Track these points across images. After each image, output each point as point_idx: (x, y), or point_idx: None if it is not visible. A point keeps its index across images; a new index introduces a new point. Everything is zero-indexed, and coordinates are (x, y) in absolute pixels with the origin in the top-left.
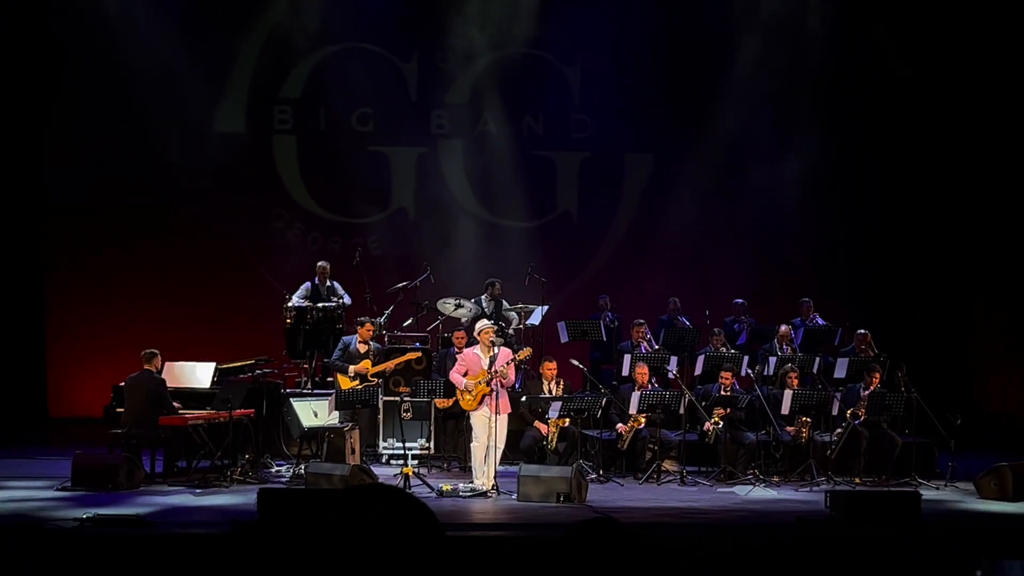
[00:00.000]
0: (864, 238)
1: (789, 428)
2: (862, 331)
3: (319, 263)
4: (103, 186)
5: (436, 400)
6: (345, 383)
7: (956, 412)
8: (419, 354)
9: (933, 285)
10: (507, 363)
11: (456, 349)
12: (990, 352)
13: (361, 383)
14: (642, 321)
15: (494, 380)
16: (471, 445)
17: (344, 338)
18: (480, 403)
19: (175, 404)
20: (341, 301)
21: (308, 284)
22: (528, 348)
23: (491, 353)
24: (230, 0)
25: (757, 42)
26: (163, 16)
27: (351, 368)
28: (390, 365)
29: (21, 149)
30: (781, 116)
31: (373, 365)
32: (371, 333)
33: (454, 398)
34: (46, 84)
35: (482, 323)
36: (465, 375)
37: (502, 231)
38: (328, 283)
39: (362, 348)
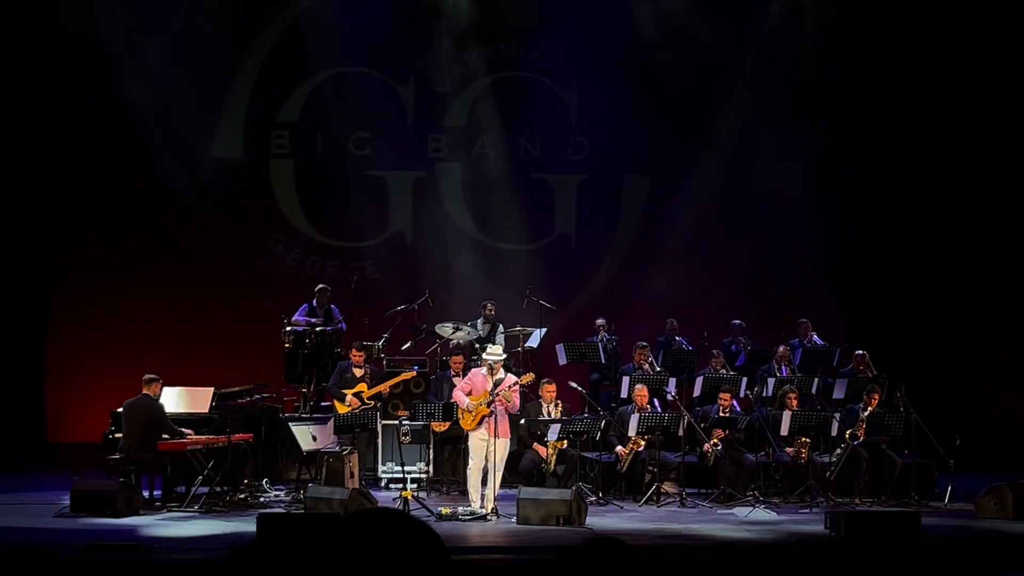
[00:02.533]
0: (863, 258)
1: (788, 449)
2: (860, 351)
3: (319, 286)
4: (102, 212)
5: (433, 424)
6: (343, 409)
7: (956, 431)
8: (415, 373)
9: (932, 304)
10: (509, 387)
11: (453, 372)
12: (992, 369)
13: (359, 405)
14: (644, 344)
15: (495, 403)
16: (467, 468)
17: (341, 363)
18: (479, 424)
19: (178, 428)
20: (339, 326)
21: (306, 306)
22: (531, 373)
23: (496, 376)
24: (227, 26)
25: (754, 62)
26: (161, 42)
27: (347, 396)
28: (386, 387)
29: (21, 176)
30: (779, 138)
31: (369, 388)
32: (362, 358)
33: (451, 422)
34: (46, 111)
35: (496, 351)
36: (469, 395)
37: (500, 254)
38: (327, 307)
39: (358, 372)
